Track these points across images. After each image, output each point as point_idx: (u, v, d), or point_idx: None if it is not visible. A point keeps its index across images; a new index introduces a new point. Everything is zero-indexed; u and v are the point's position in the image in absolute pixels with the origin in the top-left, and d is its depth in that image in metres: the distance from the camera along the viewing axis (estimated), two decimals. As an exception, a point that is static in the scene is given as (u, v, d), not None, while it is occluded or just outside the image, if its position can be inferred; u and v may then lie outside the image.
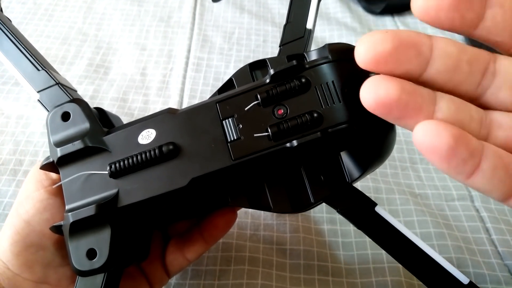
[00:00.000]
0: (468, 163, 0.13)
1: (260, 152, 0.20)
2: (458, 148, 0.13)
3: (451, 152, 0.13)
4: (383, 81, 0.14)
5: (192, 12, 0.55)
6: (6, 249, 0.22)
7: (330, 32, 0.53)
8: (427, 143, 0.13)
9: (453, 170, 0.14)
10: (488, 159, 0.13)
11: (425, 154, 0.14)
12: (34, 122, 0.41)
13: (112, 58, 0.48)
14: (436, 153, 0.13)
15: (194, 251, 0.26)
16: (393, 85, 0.14)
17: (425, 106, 0.14)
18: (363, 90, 0.15)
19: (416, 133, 0.14)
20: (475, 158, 0.13)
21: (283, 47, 0.24)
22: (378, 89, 0.14)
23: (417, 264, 0.20)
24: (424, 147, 0.13)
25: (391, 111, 0.14)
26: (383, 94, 0.14)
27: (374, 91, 0.14)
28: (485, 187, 0.14)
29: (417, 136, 0.14)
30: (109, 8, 0.55)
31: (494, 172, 0.13)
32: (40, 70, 0.24)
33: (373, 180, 0.37)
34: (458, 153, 0.13)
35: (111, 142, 0.22)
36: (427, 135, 0.13)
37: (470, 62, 0.15)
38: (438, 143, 0.13)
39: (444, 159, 0.13)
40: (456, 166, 0.13)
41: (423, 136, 0.13)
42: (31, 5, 0.54)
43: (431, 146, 0.13)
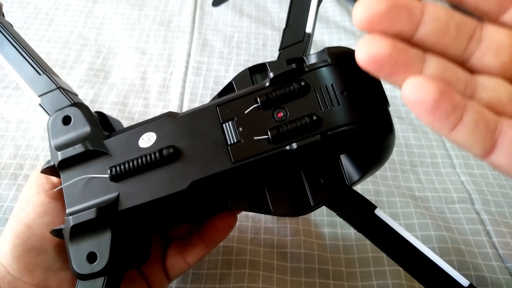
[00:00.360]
0: (451, 116, 0.14)
1: (260, 155, 0.20)
2: (442, 101, 0.14)
3: (435, 105, 0.14)
4: (376, 39, 0.15)
5: (192, 16, 0.55)
6: (7, 253, 0.22)
7: (329, 36, 0.53)
8: (414, 97, 0.14)
9: (437, 122, 0.14)
10: (470, 114, 0.14)
11: (411, 108, 0.14)
12: (34, 126, 0.41)
13: (112, 62, 0.49)
14: (422, 105, 0.14)
15: (195, 255, 0.26)
16: (385, 43, 0.15)
17: (414, 64, 0.15)
18: (358, 47, 0.16)
19: (404, 87, 0.14)
20: (458, 111, 0.14)
21: (282, 51, 0.24)
22: (371, 46, 0.15)
23: (418, 267, 0.20)
24: (411, 100, 0.14)
25: (382, 67, 0.15)
26: (376, 51, 0.15)
27: (368, 48, 0.15)
28: (467, 141, 0.15)
29: (405, 90, 0.14)
30: (110, 13, 0.55)
31: (475, 126, 0.14)
32: (41, 74, 0.24)
33: (373, 183, 0.37)
34: (442, 106, 0.14)
35: (112, 146, 0.22)
36: (414, 89, 0.14)
37: (458, 26, 0.16)
38: (424, 96, 0.14)
39: (429, 112, 0.14)
40: (440, 119, 0.14)
41: (411, 90, 0.14)
42: (31, 9, 0.54)
43: (418, 99, 0.14)
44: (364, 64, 0.15)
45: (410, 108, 0.15)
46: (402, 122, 0.43)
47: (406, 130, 0.42)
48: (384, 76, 0.16)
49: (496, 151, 0.15)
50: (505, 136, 0.15)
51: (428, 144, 0.41)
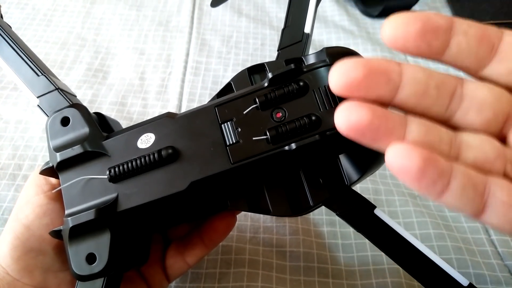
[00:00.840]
0: (438, 183, 0.14)
1: (258, 155, 0.20)
2: (427, 169, 0.14)
3: (420, 173, 0.14)
4: (354, 107, 0.15)
5: (190, 16, 0.55)
6: (6, 254, 0.22)
7: (328, 35, 0.53)
8: (398, 165, 0.14)
9: (424, 189, 0.14)
10: (457, 179, 0.14)
11: (397, 175, 0.14)
12: (33, 126, 0.41)
13: (110, 62, 0.49)
14: (407, 174, 0.14)
15: (194, 255, 0.26)
16: (364, 110, 0.15)
17: (396, 129, 0.15)
18: (336, 116, 0.15)
19: (388, 155, 0.14)
20: (444, 178, 0.14)
21: (281, 51, 0.24)
22: (350, 114, 0.15)
23: (417, 266, 0.20)
24: (395, 168, 0.14)
25: (363, 135, 0.15)
26: (355, 119, 0.15)
27: (347, 117, 0.15)
28: (456, 205, 0.14)
29: (388, 158, 0.14)
30: (108, 13, 0.55)
31: (463, 191, 0.14)
32: (39, 75, 0.24)
33: (372, 182, 0.37)
34: (428, 174, 0.14)
35: (111, 147, 0.22)
36: (397, 157, 0.14)
37: (438, 86, 0.16)
38: (408, 165, 0.14)
39: (415, 180, 0.14)
40: (426, 186, 0.14)
41: (394, 158, 0.14)
42: (30, 10, 0.54)
43: (402, 167, 0.14)
44: (344, 132, 0.15)
45: (394, 175, 0.14)
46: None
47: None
48: (367, 143, 0.15)
49: (487, 212, 0.15)
50: (494, 197, 0.14)
51: (426, 142, 0.41)
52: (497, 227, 0.15)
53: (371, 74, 0.15)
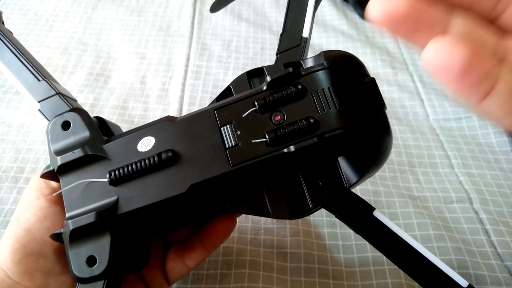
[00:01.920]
0: (483, 84, 0.12)
1: (258, 158, 0.20)
2: (474, 65, 0.12)
3: (465, 70, 0.12)
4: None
5: (190, 21, 0.55)
6: (7, 257, 0.22)
7: (327, 39, 0.53)
8: (440, 61, 0.12)
9: (466, 90, 0.13)
10: (505, 81, 0.13)
11: (436, 73, 0.13)
12: (35, 130, 0.41)
13: (112, 67, 0.49)
14: (449, 71, 0.12)
15: (194, 258, 0.26)
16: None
17: (438, 22, 0.13)
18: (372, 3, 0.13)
19: (427, 50, 0.13)
20: (490, 78, 0.12)
21: (280, 55, 0.24)
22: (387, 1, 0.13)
23: (417, 268, 0.20)
24: (436, 65, 0.12)
25: (401, 25, 0.13)
26: (393, 7, 0.13)
27: (384, 3, 0.13)
28: (498, 112, 0.13)
29: (428, 53, 0.13)
30: (109, 18, 0.55)
31: (509, 96, 0.13)
32: (40, 80, 0.24)
33: (372, 184, 0.37)
34: (474, 71, 0.12)
35: (111, 150, 0.22)
36: (439, 52, 0.12)
37: None
38: (452, 60, 0.12)
39: (457, 78, 0.12)
40: (470, 86, 0.12)
41: (435, 53, 0.12)
42: (32, 16, 0.54)
43: (445, 62, 0.12)
44: (380, 21, 0.13)
45: (433, 74, 0.13)
46: (400, 124, 0.43)
47: (405, 131, 0.42)
48: (403, 36, 0.14)
49: None
50: None
51: (426, 144, 0.41)
52: None
53: None
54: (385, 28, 0.13)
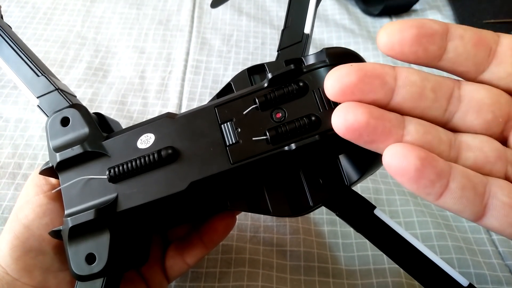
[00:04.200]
0: (436, 184, 0.14)
1: (258, 156, 0.20)
2: (425, 169, 0.13)
3: (418, 174, 0.13)
4: (352, 107, 0.15)
5: (190, 15, 0.55)
6: (6, 254, 0.22)
7: (328, 34, 0.53)
8: (395, 166, 0.14)
9: (422, 191, 0.14)
10: (456, 180, 0.14)
11: (394, 176, 0.14)
12: (33, 125, 0.41)
13: (111, 61, 0.49)
14: (404, 175, 0.14)
15: (194, 256, 0.26)
16: (361, 111, 0.14)
17: (394, 130, 0.15)
18: (334, 116, 0.15)
19: (385, 156, 0.14)
20: (442, 178, 0.14)
21: (281, 52, 0.24)
22: (347, 115, 0.15)
23: (417, 267, 0.20)
24: (393, 169, 0.14)
25: (361, 135, 0.15)
26: (352, 120, 0.14)
27: (344, 117, 0.15)
28: (456, 208, 0.14)
29: (386, 159, 0.14)
30: (108, 12, 0.55)
31: (462, 192, 0.14)
32: (39, 76, 0.24)
33: (373, 181, 0.37)
34: (426, 175, 0.13)
35: (110, 147, 0.22)
36: (394, 158, 0.14)
37: (434, 89, 0.15)
38: (406, 165, 0.13)
39: (412, 181, 0.14)
40: (424, 187, 0.14)
41: (391, 159, 0.14)
42: (29, 8, 0.54)
43: (399, 168, 0.14)
44: (341, 133, 0.15)
45: (392, 176, 0.14)
46: (401, 120, 0.43)
47: (406, 128, 0.42)
48: (364, 144, 0.15)
49: (487, 215, 0.14)
50: (494, 198, 0.14)
51: (427, 142, 0.41)
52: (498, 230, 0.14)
53: (365, 78, 0.15)
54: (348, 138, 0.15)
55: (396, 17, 0.55)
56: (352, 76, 0.15)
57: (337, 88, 0.15)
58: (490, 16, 0.51)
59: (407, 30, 0.15)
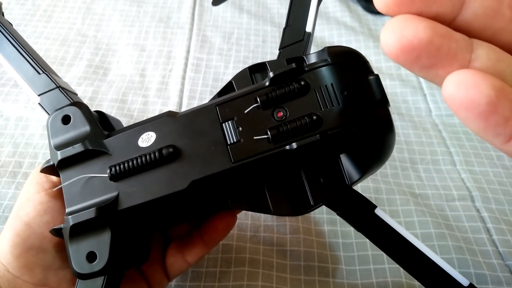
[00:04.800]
0: (509, 123, 0.11)
1: (259, 155, 0.20)
2: (499, 102, 0.11)
3: (491, 108, 0.11)
4: (411, 20, 0.12)
5: (191, 12, 0.55)
6: (7, 252, 0.22)
7: (329, 32, 0.53)
8: (461, 96, 0.11)
9: (491, 130, 0.12)
10: None
11: (458, 110, 0.11)
12: (33, 124, 0.41)
13: (111, 59, 0.48)
14: (472, 108, 0.11)
15: (194, 254, 0.26)
16: (423, 26, 0.12)
17: (460, 53, 0.12)
18: (384, 31, 0.12)
19: (448, 84, 0.11)
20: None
21: (282, 50, 0.24)
22: (404, 29, 0.12)
23: (418, 266, 0.20)
24: (457, 101, 0.11)
25: (418, 57, 0.12)
26: (411, 35, 0.12)
27: (400, 32, 0.12)
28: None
29: (448, 88, 0.11)
30: (108, 9, 0.54)
31: None
32: (41, 73, 0.24)
33: (373, 181, 0.37)
34: (499, 109, 0.11)
35: (111, 145, 0.22)
36: (461, 86, 0.11)
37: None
38: (476, 96, 0.11)
39: (482, 116, 0.11)
40: (495, 126, 0.11)
41: (457, 88, 0.11)
42: (30, 6, 0.54)
43: (467, 99, 0.11)
44: (394, 53, 0.12)
45: (453, 111, 0.11)
46: (402, 119, 0.43)
47: (407, 127, 0.42)
48: (420, 69, 0.12)
49: None
50: None
51: (428, 141, 0.41)
52: None
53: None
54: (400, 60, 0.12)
55: (397, 15, 0.54)
56: None
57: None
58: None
59: None
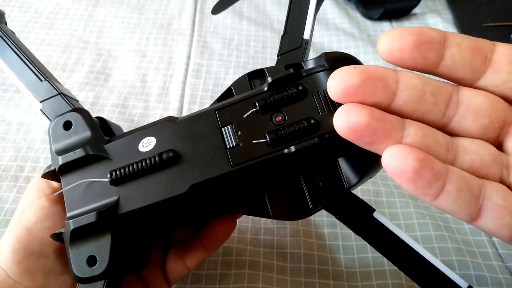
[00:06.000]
0: (433, 185, 0.14)
1: (258, 158, 0.20)
2: (422, 170, 0.14)
3: (416, 175, 0.14)
4: (353, 109, 0.15)
5: (191, 19, 0.55)
6: (7, 257, 0.22)
7: (329, 38, 0.53)
8: (394, 166, 0.14)
9: (419, 191, 0.14)
10: (453, 181, 0.14)
11: (393, 177, 0.14)
12: (35, 128, 0.41)
13: (112, 65, 0.49)
14: (403, 175, 0.14)
15: (194, 259, 0.26)
16: (363, 112, 0.15)
17: (394, 132, 0.15)
18: (335, 117, 0.16)
19: (384, 157, 0.14)
20: (439, 180, 0.14)
21: (281, 57, 0.24)
22: (349, 116, 0.15)
23: (417, 270, 0.20)
24: (391, 170, 0.14)
25: (361, 136, 0.15)
26: (354, 121, 0.15)
27: (346, 118, 0.15)
28: (451, 208, 0.15)
29: (385, 159, 0.14)
30: (110, 16, 0.55)
31: (458, 194, 0.14)
32: (43, 80, 0.24)
33: (372, 184, 0.37)
34: (423, 175, 0.14)
35: (112, 150, 0.22)
36: (393, 159, 0.14)
37: (434, 93, 0.16)
38: (404, 166, 0.14)
39: (410, 181, 0.14)
40: (422, 188, 0.14)
41: (390, 160, 0.14)
42: (32, 14, 0.54)
43: (398, 169, 0.14)
44: (343, 134, 0.15)
45: (391, 177, 0.14)
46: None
47: (406, 131, 0.42)
48: (364, 145, 0.16)
49: (482, 217, 0.15)
50: (489, 200, 0.14)
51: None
52: (492, 232, 0.15)
53: (368, 81, 0.15)
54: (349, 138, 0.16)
55: (396, 21, 0.55)
56: (356, 77, 0.15)
57: (340, 89, 0.16)
58: (489, 20, 0.52)
59: (407, 37, 0.15)
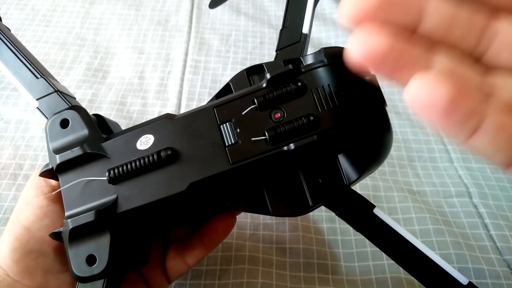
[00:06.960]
0: (469, 121, 0.12)
1: (257, 156, 0.20)
2: (459, 102, 0.11)
3: (451, 107, 0.11)
4: (373, 31, 0.13)
5: (189, 15, 0.55)
6: (6, 256, 0.22)
7: (326, 33, 0.53)
8: (423, 98, 0.12)
9: (452, 128, 0.12)
10: (492, 118, 0.12)
11: (420, 111, 0.12)
12: (33, 126, 0.41)
13: (110, 62, 0.49)
14: (433, 108, 0.12)
15: (194, 256, 0.26)
16: (385, 34, 0.12)
17: (421, 58, 0.13)
18: (350, 41, 0.13)
19: (411, 87, 0.12)
20: (477, 115, 0.12)
21: (279, 52, 0.24)
22: (368, 39, 0.12)
23: (417, 266, 0.21)
24: (419, 102, 0.12)
25: (383, 63, 0.13)
26: (374, 44, 0.12)
27: (364, 42, 0.13)
28: (488, 150, 0.12)
29: (411, 90, 0.12)
30: (107, 13, 0.55)
31: (498, 133, 0.12)
32: (39, 78, 0.24)
33: (371, 179, 0.37)
34: (459, 108, 0.11)
35: (110, 148, 0.22)
36: (423, 88, 0.12)
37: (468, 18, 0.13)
38: (437, 97, 0.11)
39: (443, 115, 0.12)
40: (456, 124, 0.12)
41: (419, 90, 0.12)
42: (29, 11, 0.54)
43: (428, 100, 0.12)
44: (360, 60, 0.13)
45: (417, 112, 0.12)
46: (399, 118, 0.43)
47: (404, 125, 0.42)
48: (385, 74, 0.13)
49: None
50: None
51: (426, 139, 0.41)
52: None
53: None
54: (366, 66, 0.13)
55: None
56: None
57: (358, 9, 0.13)
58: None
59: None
